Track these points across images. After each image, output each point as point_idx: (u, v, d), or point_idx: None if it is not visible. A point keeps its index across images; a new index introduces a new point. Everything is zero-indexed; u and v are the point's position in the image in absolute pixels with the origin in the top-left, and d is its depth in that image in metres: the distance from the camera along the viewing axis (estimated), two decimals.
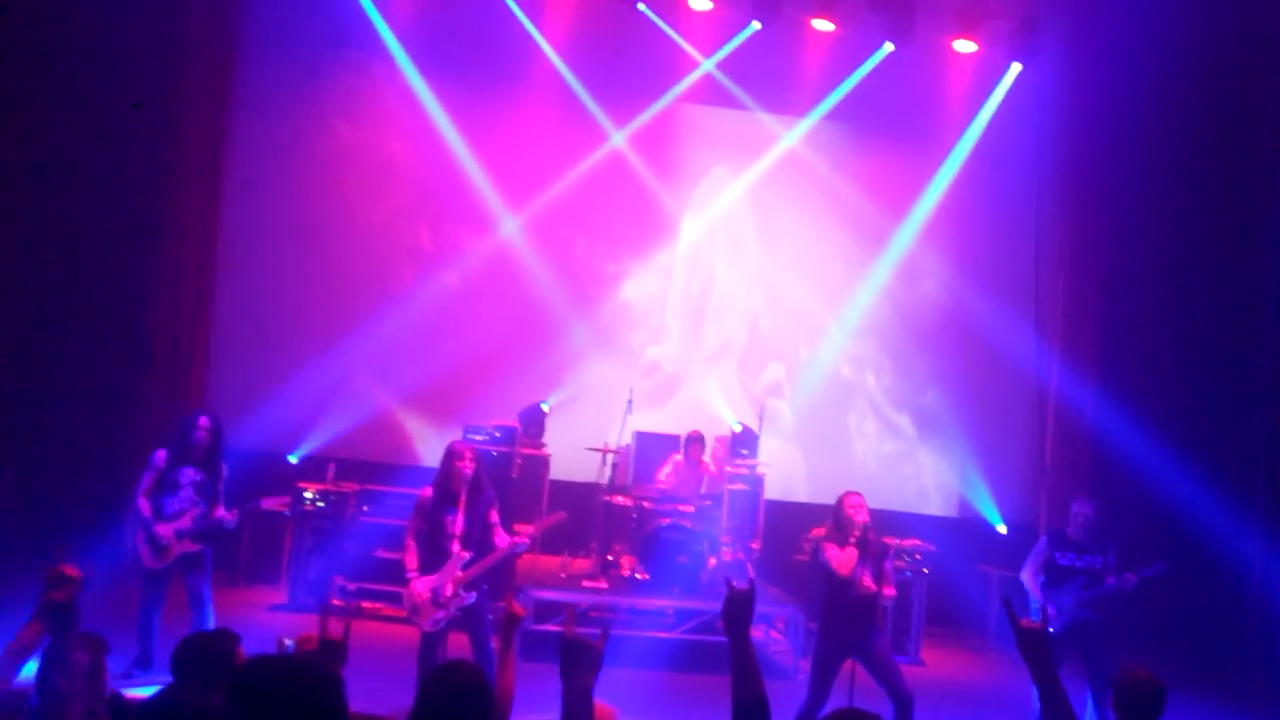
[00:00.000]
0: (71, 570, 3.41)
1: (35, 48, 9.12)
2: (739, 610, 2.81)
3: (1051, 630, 6.96)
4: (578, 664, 2.83)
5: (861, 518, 6.31)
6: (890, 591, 6.44)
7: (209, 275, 10.09)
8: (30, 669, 3.43)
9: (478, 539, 6.28)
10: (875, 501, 7.18)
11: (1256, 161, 10.45)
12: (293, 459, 10.14)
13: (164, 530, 6.62)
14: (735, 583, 2.89)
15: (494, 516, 6.41)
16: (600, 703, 3.14)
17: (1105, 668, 6.82)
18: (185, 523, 6.67)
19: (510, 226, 10.83)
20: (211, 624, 6.59)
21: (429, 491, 6.33)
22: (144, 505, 6.68)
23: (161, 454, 6.78)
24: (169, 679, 3.32)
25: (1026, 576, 7.22)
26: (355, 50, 10.62)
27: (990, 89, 11.18)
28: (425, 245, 10.82)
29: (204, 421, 6.85)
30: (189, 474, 6.75)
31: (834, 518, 6.45)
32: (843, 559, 6.22)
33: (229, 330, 10.22)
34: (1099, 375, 10.58)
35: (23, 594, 3.31)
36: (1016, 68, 11.04)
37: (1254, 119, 10.45)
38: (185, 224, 9.89)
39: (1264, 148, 10.43)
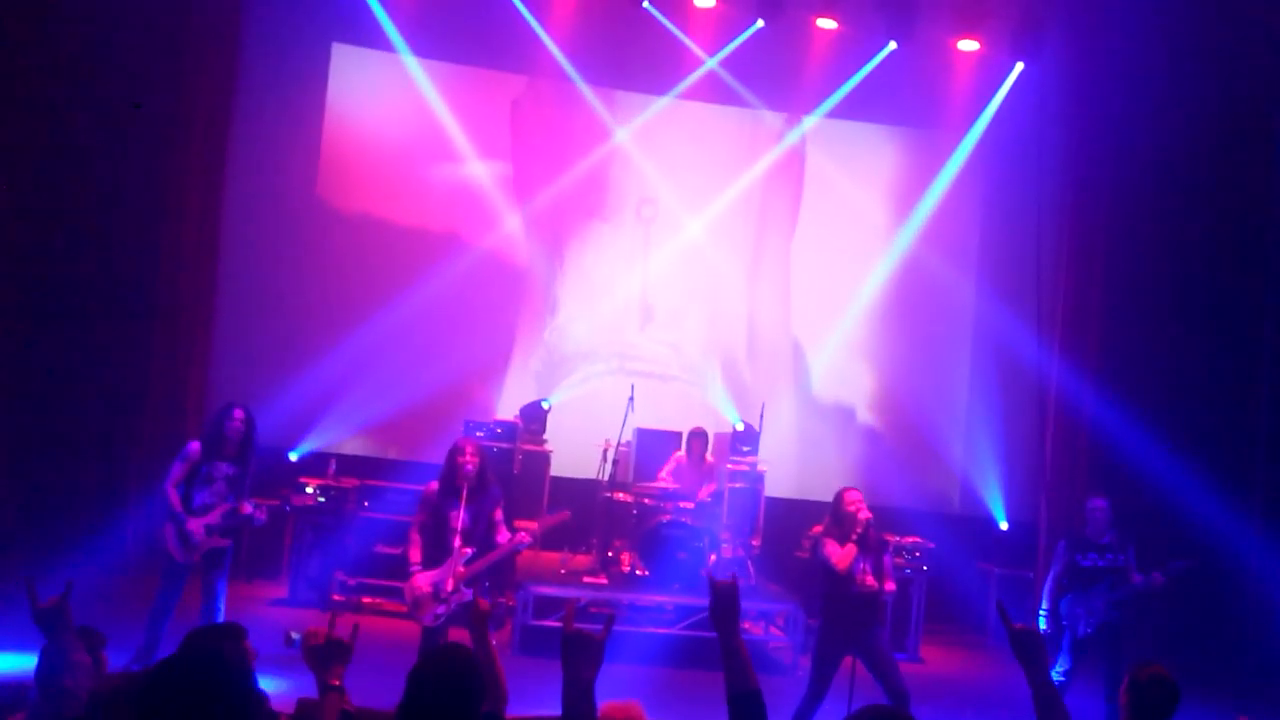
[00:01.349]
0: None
1: (38, 38, 9.12)
2: (725, 604, 2.84)
3: (1086, 633, 6.97)
4: (579, 658, 2.84)
5: (863, 514, 6.32)
6: (890, 587, 6.45)
7: (210, 271, 10.08)
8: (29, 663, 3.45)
9: (481, 536, 6.31)
10: (875, 498, 7.20)
11: (1261, 159, 10.44)
12: (294, 456, 10.16)
13: (195, 526, 6.55)
14: (717, 578, 2.92)
15: (499, 514, 6.46)
16: (630, 701, 3.14)
17: (1119, 670, 6.83)
18: (214, 518, 6.60)
19: (513, 222, 10.85)
20: (221, 619, 6.58)
21: (434, 486, 6.38)
22: (174, 497, 6.60)
23: (195, 446, 6.70)
24: None
25: (1046, 581, 7.23)
26: (358, 44, 10.62)
27: (993, 88, 11.18)
28: (428, 240, 10.81)
29: (239, 413, 6.75)
30: (222, 468, 6.67)
31: (833, 513, 6.46)
32: (842, 554, 6.24)
33: (230, 326, 10.22)
34: (1099, 372, 10.59)
35: (20, 590, 3.31)
36: (1019, 67, 11.04)
37: (1259, 116, 10.44)
38: (186, 220, 9.88)
39: (1269, 145, 10.42)
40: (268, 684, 3.10)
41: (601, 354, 11.05)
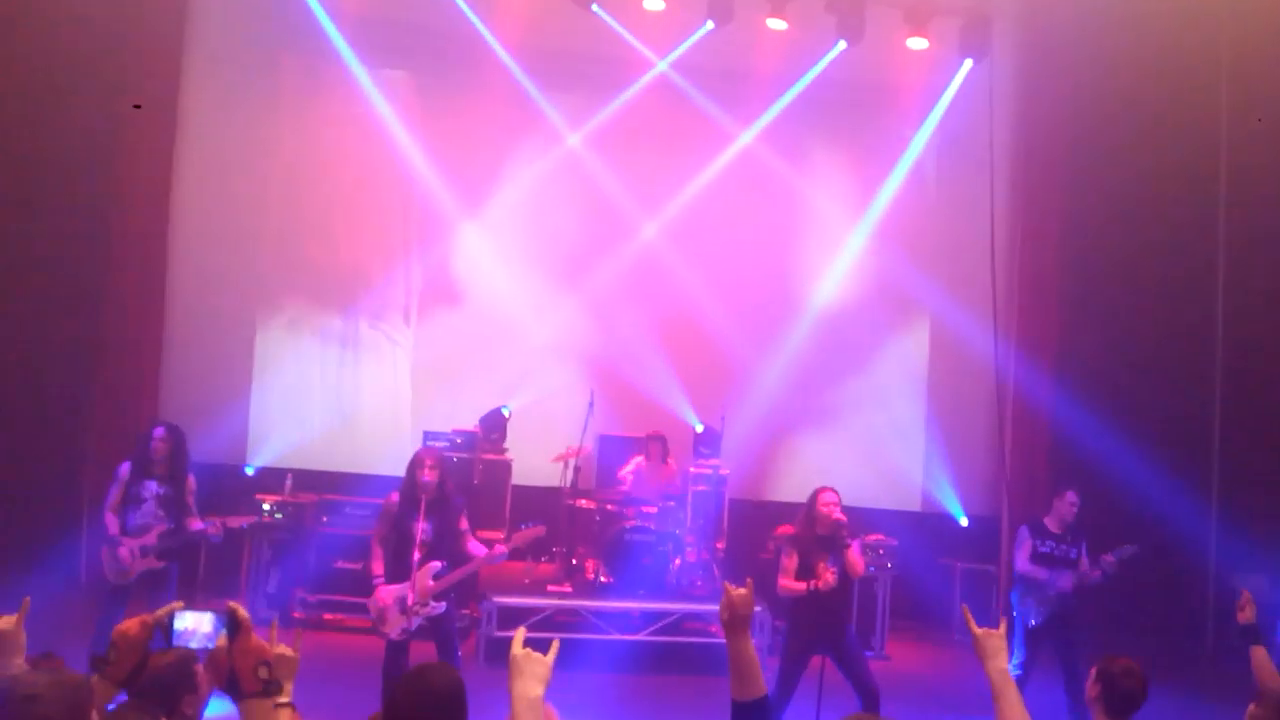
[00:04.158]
0: None
1: None
2: (738, 611, 2.80)
3: (1036, 622, 7.01)
4: (525, 676, 2.80)
5: (835, 516, 6.26)
6: (831, 579, 6.11)
7: (160, 283, 9.89)
8: None
9: (447, 547, 6.24)
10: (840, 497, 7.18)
11: (1209, 153, 10.62)
12: (249, 470, 9.99)
13: (126, 549, 6.48)
14: (731, 586, 2.87)
15: (464, 524, 6.38)
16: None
17: (1075, 658, 6.90)
18: (150, 539, 6.52)
19: (467, 229, 10.74)
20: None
21: (395, 497, 6.29)
22: (110, 520, 6.58)
23: (125, 466, 6.69)
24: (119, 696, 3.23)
25: (1024, 565, 7.16)
26: (306, 53, 10.46)
27: (943, 85, 11.25)
28: (378, 249, 10.70)
29: (158, 432, 6.74)
30: (151, 487, 6.62)
31: (806, 512, 6.42)
32: (790, 584, 6.21)
33: (182, 339, 10.03)
34: (1055, 367, 10.70)
35: None
36: (968, 64, 11.12)
37: (1206, 111, 10.61)
38: (135, 230, 9.70)
39: (1216, 140, 10.59)
40: (219, 705, 3.02)
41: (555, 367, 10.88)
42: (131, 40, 9.61)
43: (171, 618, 2.79)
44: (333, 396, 10.49)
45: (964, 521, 11.05)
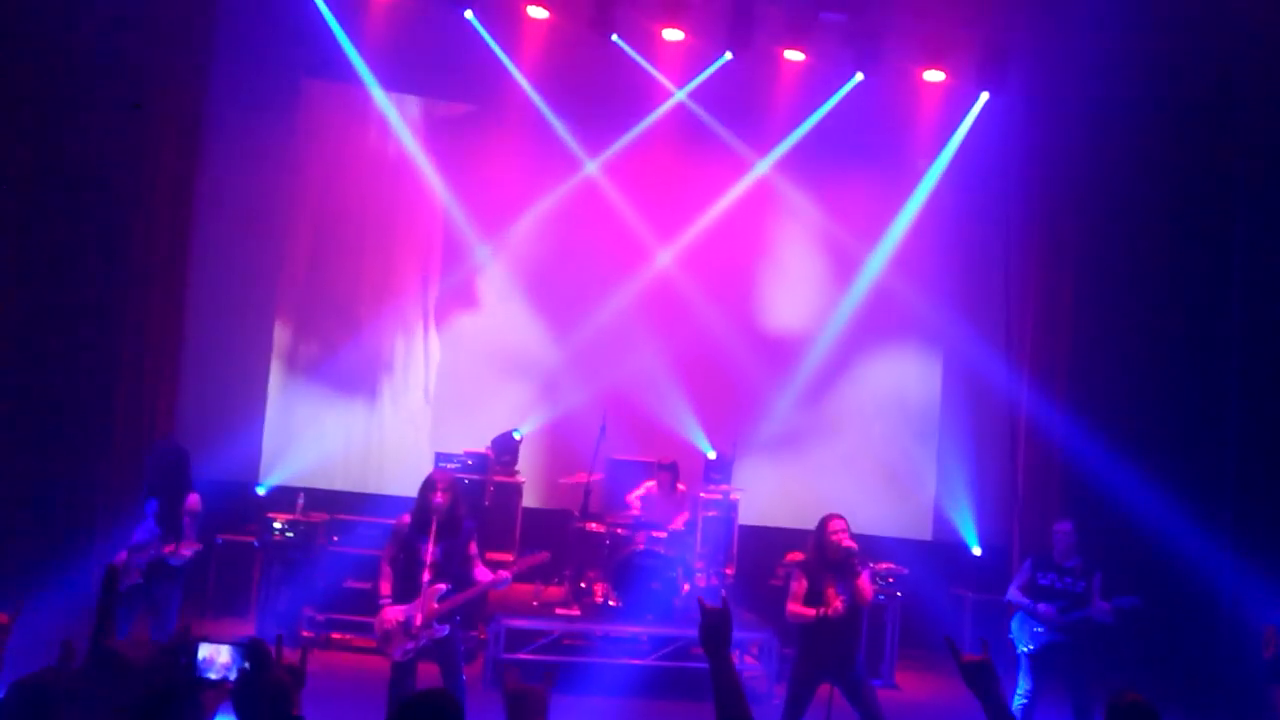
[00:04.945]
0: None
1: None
2: (715, 629, 2.80)
3: (1030, 649, 6.98)
4: (524, 712, 2.83)
5: (845, 543, 6.24)
6: (839, 608, 6.17)
7: (178, 305, 9.96)
8: None
9: (455, 571, 6.24)
10: (849, 525, 7.17)
11: (1225, 188, 10.58)
12: (261, 490, 10.06)
13: (120, 557, 6.52)
14: (707, 602, 2.88)
15: (473, 549, 6.37)
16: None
17: (1084, 690, 6.86)
18: (143, 554, 6.57)
19: (483, 254, 10.84)
20: None
21: (406, 519, 6.32)
22: (136, 531, 6.65)
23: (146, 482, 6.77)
24: None
25: (1011, 594, 7.25)
26: (328, 78, 10.61)
27: (960, 117, 11.29)
28: (397, 274, 10.79)
29: (156, 446, 6.86)
30: (152, 504, 6.67)
31: (815, 540, 6.39)
32: (798, 610, 6.20)
33: (197, 360, 10.11)
34: (1069, 398, 10.64)
35: None
36: (984, 96, 11.17)
37: (1222, 147, 10.59)
38: (154, 254, 9.78)
39: (1232, 175, 10.56)
40: None
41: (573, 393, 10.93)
42: (156, 68, 9.72)
43: (196, 647, 2.86)
44: (349, 416, 10.55)
45: (977, 551, 11.00)
